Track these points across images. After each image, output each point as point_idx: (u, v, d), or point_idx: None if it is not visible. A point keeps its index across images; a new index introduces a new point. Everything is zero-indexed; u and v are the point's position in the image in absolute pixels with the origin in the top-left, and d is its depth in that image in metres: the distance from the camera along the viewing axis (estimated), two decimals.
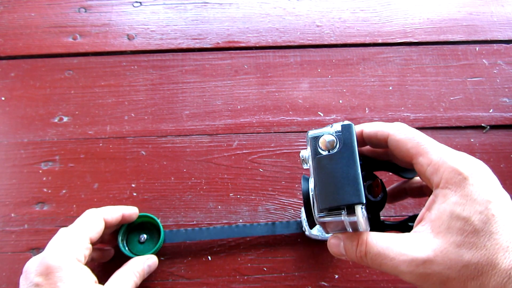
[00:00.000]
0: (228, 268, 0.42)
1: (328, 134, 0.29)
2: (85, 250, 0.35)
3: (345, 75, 0.51)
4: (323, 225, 0.29)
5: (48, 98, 0.50)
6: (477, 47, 0.53)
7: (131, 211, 0.41)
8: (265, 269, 0.42)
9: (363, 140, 0.32)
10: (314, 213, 0.28)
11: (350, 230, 0.28)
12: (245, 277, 0.42)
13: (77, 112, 0.49)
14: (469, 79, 0.51)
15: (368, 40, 0.53)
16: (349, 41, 0.53)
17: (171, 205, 0.45)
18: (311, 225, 0.30)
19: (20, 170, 0.47)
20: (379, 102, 0.50)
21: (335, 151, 0.28)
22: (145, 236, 0.42)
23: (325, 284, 0.42)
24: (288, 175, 0.46)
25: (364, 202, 0.26)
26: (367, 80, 0.51)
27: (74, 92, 0.50)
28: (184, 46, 0.53)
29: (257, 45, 0.53)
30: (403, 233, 0.27)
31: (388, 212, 0.45)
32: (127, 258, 0.40)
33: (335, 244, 0.30)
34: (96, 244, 0.39)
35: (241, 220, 0.44)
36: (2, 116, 0.49)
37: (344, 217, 0.27)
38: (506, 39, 0.53)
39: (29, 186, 0.46)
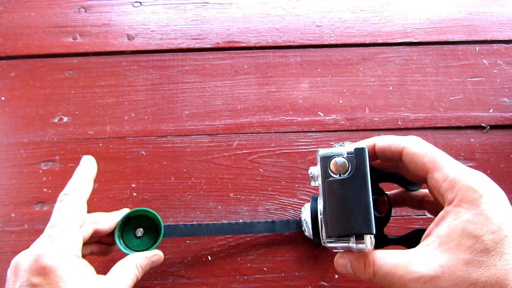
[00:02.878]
0: (228, 268, 0.42)
1: (340, 157, 0.28)
2: (80, 243, 0.33)
3: (345, 75, 0.51)
4: (330, 248, 0.29)
5: (48, 98, 0.50)
6: (477, 47, 0.53)
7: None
8: (265, 269, 0.42)
9: (374, 153, 0.31)
10: (322, 237, 0.28)
11: (356, 250, 0.29)
12: (245, 277, 0.42)
13: (77, 112, 0.49)
14: (469, 79, 0.51)
15: (368, 40, 0.53)
16: (349, 41, 0.53)
17: (171, 205, 0.45)
18: (317, 245, 0.30)
19: (20, 170, 0.47)
20: (379, 102, 0.50)
21: (347, 175, 0.27)
22: (142, 230, 0.41)
23: (325, 284, 0.42)
24: (288, 175, 0.46)
25: (374, 232, 0.26)
26: (367, 80, 0.51)
27: (74, 92, 0.50)
28: (184, 46, 0.53)
29: (257, 45, 0.53)
30: (409, 249, 0.27)
31: None
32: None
33: (343, 264, 0.30)
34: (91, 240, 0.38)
35: (240, 220, 0.44)
36: (2, 116, 0.49)
37: (352, 244, 0.27)
38: (506, 39, 0.53)
39: (29, 186, 0.46)
